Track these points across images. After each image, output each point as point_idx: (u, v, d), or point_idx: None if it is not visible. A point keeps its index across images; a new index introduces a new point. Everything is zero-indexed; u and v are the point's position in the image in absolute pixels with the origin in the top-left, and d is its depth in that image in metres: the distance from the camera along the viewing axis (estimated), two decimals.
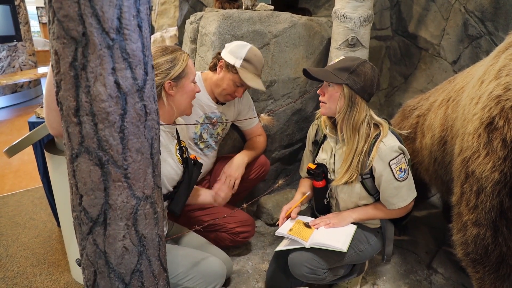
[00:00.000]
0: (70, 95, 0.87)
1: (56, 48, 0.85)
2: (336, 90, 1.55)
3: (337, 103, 1.55)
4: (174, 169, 1.56)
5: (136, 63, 0.91)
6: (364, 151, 1.56)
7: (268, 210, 2.42)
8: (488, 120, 1.25)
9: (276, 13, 2.37)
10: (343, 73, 1.52)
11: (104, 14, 0.82)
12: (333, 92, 1.55)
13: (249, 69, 1.84)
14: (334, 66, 1.56)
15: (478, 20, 2.59)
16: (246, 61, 1.82)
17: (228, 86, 1.87)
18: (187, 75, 1.51)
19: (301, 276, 1.59)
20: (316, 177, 1.69)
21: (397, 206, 1.58)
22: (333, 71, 1.54)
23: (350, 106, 1.53)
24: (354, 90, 1.52)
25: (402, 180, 1.55)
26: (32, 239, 2.38)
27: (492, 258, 1.32)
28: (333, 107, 1.57)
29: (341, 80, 1.51)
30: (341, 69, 1.53)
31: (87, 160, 0.91)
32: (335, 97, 1.55)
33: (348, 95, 1.52)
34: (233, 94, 1.90)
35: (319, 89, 1.61)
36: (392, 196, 1.57)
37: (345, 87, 1.52)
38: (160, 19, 4.71)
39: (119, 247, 1.00)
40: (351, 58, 1.58)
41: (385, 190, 1.57)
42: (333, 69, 1.54)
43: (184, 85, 1.51)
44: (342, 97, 1.53)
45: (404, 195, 1.57)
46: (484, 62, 1.52)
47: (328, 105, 1.58)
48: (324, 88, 1.58)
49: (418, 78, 3.03)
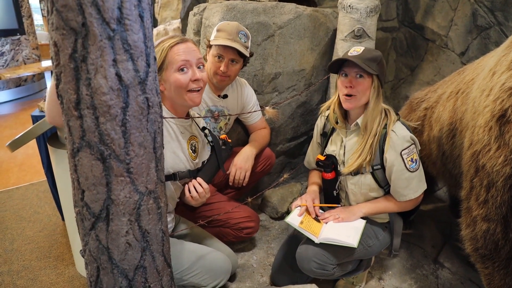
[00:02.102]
0: (70, 87, 0.85)
1: (56, 40, 0.83)
2: (367, 81, 1.52)
3: (368, 95, 1.54)
4: (184, 163, 1.52)
5: (137, 54, 0.88)
6: (377, 133, 1.55)
7: (273, 204, 2.40)
8: (500, 113, 1.21)
9: (280, 4, 2.33)
10: (373, 64, 1.50)
11: (104, 4, 0.80)
12: (364, 83, 1.52)
13: (221, 36, 1.82)
14: (364, 56, 1.50)
15: (487, 10, 2.52)
16: (218, 31, 1.84)
17: (212, 64, 1.86)
18: (168, 66, 1.38)
19: (309, 271, 1.57)
20: (326, 169, 1.67)
21: (408, 198, 1.56)
22: (365, 62, 1.49)
23: (377, 95, 1.54)
24: (381, 81, 1.54)
25: (414, 171, 1.53)
26: (37, 233, 2.38)
27: (502, 254, 1.29)
28: (363, 99, 1.55)
29: (374, 72, 1.49)
30: (371, 59, 1.50)
31: (88, 154, 0.89)
32: (367, 88, 1.53)
33: (377, 85, 1.54)
34: (218, 70, 1.85)
35: (343, 82, 1.55)
36: (403, 187, 1.55)
37: (375, 78, 1.52)
38: (163, 12, 4.67)
39: (122, 243, 0.98)
40: (370, 49, 1.56)
41: (396, 181, 1.55)
42: (365, 60, 1.49)
43: (166, 77, 1.39)
44: (373, 88, 1.53)
45: (415, 186, 1.55)
46: (496, 53, 1.48)
47: (358, 97, 1.54)
48: (353, 81, 1.53)
49: (424, 70, 2.97)
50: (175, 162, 1.49)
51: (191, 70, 1.40)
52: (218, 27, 1.84)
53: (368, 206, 1.63)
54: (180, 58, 1.37)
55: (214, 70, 1.86)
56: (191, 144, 1.58)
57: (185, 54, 1.38)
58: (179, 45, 1.39)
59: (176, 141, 1.50)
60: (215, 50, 1.83)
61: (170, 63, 1.37)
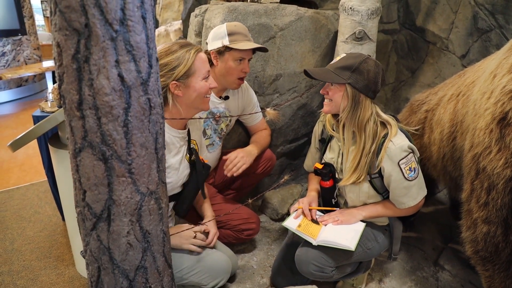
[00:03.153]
0: (72, 88, 0.85)
1: (58, 40, 0.83)
2: (339, 89, 1.50)
3: (340, 103, 1.52)
4: (180, 177, 1.55)
5: (140, 55, 0.88)
6: (372, 151, 1.52)
7: (273, 205, 2.40)
8: (500, 115, 1.21)
9: (282, 5, 2.33)
10: (345, 72, 1.47)
11: (107, 5, 0.80)
12: (335, 91, 1.51)
13: (239, 38, 1.81)
14: (336, 65, 1.51)
15: (488, 13, 2.53)
16: (231, 34, 1.80)
17: (233, 69, 1.84)
18: (195, 73, 1.43)
19: (308, 274, 1.57)
20: (324, 177, 1.66)
21: (407, 206, 1.55)
22: (334, 71, 1.49)
23: (354, 105, 1.49)
24: (357, 89, 1.47)
25: (412, 180, 1.51)
26: (37, 233, 2.38)
27: (502, 256, 1.29)
28: (336, 106, 1.54)
29: (343, 80, 1.46)
30: (343, 68, 1.48)
31: (90, 154, 0.90)
32: (338, 96, 1.51)
33: (351, 94, 1.48)
34: (241, 72, 1.86)
35: (322, 88, 1.57)
36: (402, 196, 1.54)
37: (347, 86, 1.48)
38: (164, 13, 4.68)
39: (123, 243, 0.98)
40: (353, 55, 1.53)
41: (395, 190, 1.54)
42: (335, 68, 1.50)
43: (191, 83, 1.43)
44: (345, 96, 1.49)
45: (414, 194, 1.54)
46: (497, 55, 1.48)
47: (333, 103, 1.54)
48: (327, 87, 1.54)
49: (425, 72, 2.98)
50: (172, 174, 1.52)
51: (210, 78, 1.51)
52: (227, 31, 1.80)
53: (368, 209, 1.63)
54: (206, 66, 1.47)
55: (237, 74, 1.85)
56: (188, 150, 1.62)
57: (207, 63, 1.48)
58: (201, 54, 1.46)
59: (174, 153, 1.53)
60: (238, 54, 1.81)
61: (198, 70, 1.43)
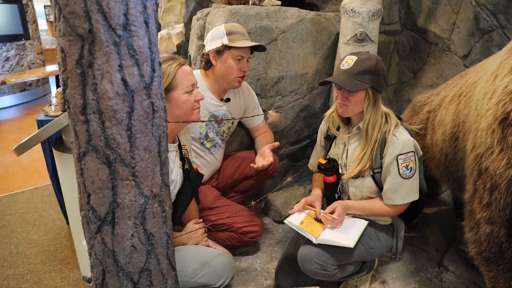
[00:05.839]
0: (77, 93, 0.86)
1: (63, 46, 0.84)
2: (360, 93, 1.51)
3: (362, 106, 1.53)
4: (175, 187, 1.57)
5: (143, 60, 0.89)
6: (378, 140, 1.55)
7: (277, 207, 2.40)
8: (502, 116, 1.21)
9: (283, 8, 2.34)
10: (366, 76, 1.47)
11: (111, 11, 0.81)
12: (357, 97, 1.51)
13: (237, 38, 1.82)
14: (354, 70, 1.48)
15: (490, 13, 2.53)
16: (230, 34, 1.82)
17: (232, 68, 1.84)
18: (177, 87, 1.41)
19: (311, 272, 1.57)
20: (327, 172, 1.68)
21: (394, 202, 1.56)
22: (355, 76, 1.47)
23: (374, 104, 1.53)
24: (376, 90, 1.51)
25: (406, 178, 1.52)
26: (42, 237, 2.40)
27: (506, 257, 1.29)
28: (357, 108, 1.55)
29: (367, 85, 1.47)
30: (362, 73, 1.47)
31: (94, 158, 0.91)
32: (360, 100, 1.52)
33: (373, 96, 1.52)
34: (240, 71, 1.87)
35: (337, 94, 1.56)
36: (392, 191, 1.56)
37: (369, 90, 1.51)
38: (166, 16, 4.70)
39: (127, 246, 0.99)
40: (364, 57, 1.51)
41: (388, 184, 1.56)
42: (354, 74, 1.48)
43: (173, 97, 1.41)
44: (367, 99, 1.52)
45: (404, 193, 1.55)
46: (498, 56, 1.48)
47: (351, 107, 1.54)
48: (346, 94, 1.52)
49: (427, 73, 2.98)
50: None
51: (195, 91, 1.49)
52: (226, 31, 1.81)
53: (354, 205, 1.63)
54: (190, 79, 1.45)
55: (236, 73, 1.86)
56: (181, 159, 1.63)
57: (191, 75, 1.46)
58: (185, 67, 1.44)
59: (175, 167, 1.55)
60: (237, 52, 1.82)
61: (180, 83, 1.42)
